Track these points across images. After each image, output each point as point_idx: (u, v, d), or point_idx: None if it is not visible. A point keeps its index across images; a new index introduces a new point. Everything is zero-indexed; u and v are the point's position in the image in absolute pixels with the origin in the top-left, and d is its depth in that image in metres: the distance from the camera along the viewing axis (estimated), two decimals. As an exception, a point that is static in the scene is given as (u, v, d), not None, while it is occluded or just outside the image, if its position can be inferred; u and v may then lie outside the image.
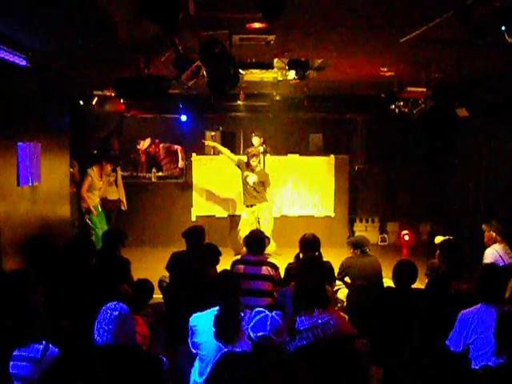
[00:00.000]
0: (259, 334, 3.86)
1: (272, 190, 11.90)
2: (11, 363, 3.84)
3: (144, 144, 14.10)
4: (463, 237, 10.46)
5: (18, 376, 3.81)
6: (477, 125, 11.16)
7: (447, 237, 7.43)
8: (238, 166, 11.12)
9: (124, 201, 11.64)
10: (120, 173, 11.83)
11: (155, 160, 14.24)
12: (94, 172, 10.72)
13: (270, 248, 10.23)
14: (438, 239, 7.46)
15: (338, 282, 7.32)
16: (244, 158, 11.09)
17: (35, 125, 7.59)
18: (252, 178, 10.96)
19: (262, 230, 10.29)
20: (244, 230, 11.04)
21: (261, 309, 4.06)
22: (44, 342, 3.99)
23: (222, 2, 5.21)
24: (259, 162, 11.21)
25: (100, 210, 10.87)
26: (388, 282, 6.63)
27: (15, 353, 3.89)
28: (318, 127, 14.35)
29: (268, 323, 3.88)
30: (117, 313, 3.72)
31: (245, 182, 11.04)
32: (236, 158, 11.28)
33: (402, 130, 12.65)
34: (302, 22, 5.89)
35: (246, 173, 11.01)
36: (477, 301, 4.91)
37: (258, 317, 3.94)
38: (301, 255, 7.17)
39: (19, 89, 6.95)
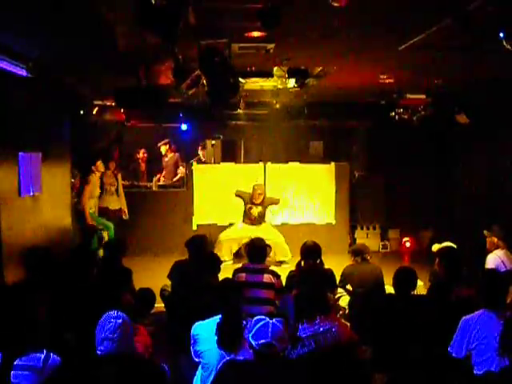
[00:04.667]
0: (261, 341, 3.85)
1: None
2: (12, 373, 3.83)
3: (162, 143, 14.16)
4: (465, 243, 10.46)
5: None
6: (477, 131, 11.18)
7: (444, 244, 7.42)
8: (239, 196, 11.53)
9: (125, 210, 11.65)
10: (121, 182, 11.84)
11: (159, 160, 14.34)
12: (93, 179, 10.74)
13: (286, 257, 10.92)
14: (436, 247, 7.45)
15: (339, 290, 7.31)
16: (247, 190, 11.53)
17: (36, 135, 7.60)
18: (256, 211, 11.37)
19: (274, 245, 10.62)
20: (228, 235, 11.18)
21: (261, 316, 4.05)
22: (44, 350, 3.99)
23: (222, 11, 5.23)
24: (263, 200, 11.47)
25: (96, 215, 10.94)
26: (390, 289, 6.62)
27: (16, 362, 3.88)
28: (319, 135, 14.35)
29: (269, 330, 3.87)
30: (120, 320, 3.72)
31: (247, 212, 11.46)
32: (237, 194, 11.62)
33: (403, 137, 12.65)
34: (301, 31, 5.91)
35: (249, 205, 11.40)
36: (478, 306, 4.91)
37: (259, 324, 3.92)
38: (302, 263, 7.16)
39: (20, 99, 6.97)
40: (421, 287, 6.87)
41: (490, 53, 6.27)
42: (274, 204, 11.72)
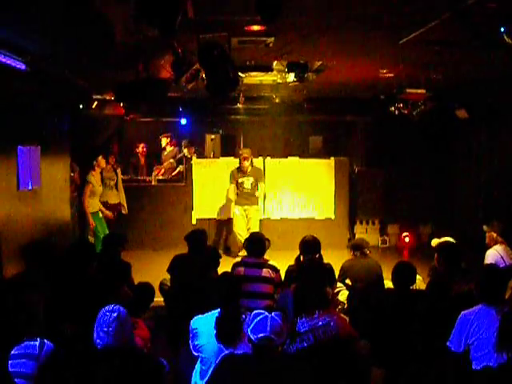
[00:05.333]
0: (260, 335, 3.85)
1: (272, 193, 12.17)
2: (10, 362, 3.84)
3: (164, 135, 14.17)
4: (464, 238, 10.47)
5: (20, 374, 3.81)
6: (477, 126, 11.18)
7: (443, 238, 7.41)
8: (234, 179, 11.46)
9: (125, 204, 11.62)
10: (120, 176, 11.82)
11: (158, 155, 14.37)
12: (94, 178, 10.68)
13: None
14: (435, 242, 7.44)
15: (338, 284, 7.31)
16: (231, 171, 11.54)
17: (35, 128, 7.59)
18: (248, 182, 11.33)
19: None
20: (239, 225, 11.23)
21: (260, 310, 4.06)
22: (38, 338, 4.01)
23: (221, 4, 5.22)
24: (251, 165, 11.46)
25: (100, 215, 10.86)
26: (389, 283, 6.62)
27: (12, 352, 3.90)
28: (318, 129, 14.35)
29: (268, 324, 3.87)
30: (116, 314, 3.74)
31: (240, 188, 11.39)
32: (231, 179, 11.58)
33: (402, 132, 12.64)
34: (300, 24, 5.90)
35: (240, 179, 11.36)
36: (477, 302, 4.91)
37: (258, 318, 3.93)
38: (301, 257, 7.16)
39: (19, 93, 6.96)
40: (420, 282, 6.86)
41: (490, 48, 6.25)
42: (259, 179, 11.56)
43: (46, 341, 4.00)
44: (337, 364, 4.74)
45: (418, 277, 6.17)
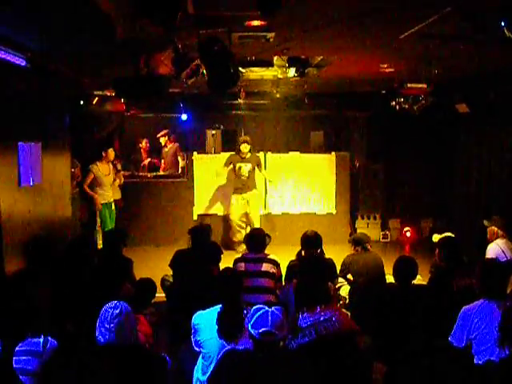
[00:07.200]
0: (261, 329, 3.85)
1: (273, 188, 12.23)
2: (14, 359, 3.86)
3: (161, 135, 14.17)
4: (466, 232, 10.46)
5: (24, 370, 3.84)
6: (478, 120, 11.16)
7: (444, 234, 7.41)
8: (230, 163, 11.63)
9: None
10: (121, 172, 11.81)
11: (159, 150, 14.40)
12: (97, 167, 10.67)
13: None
14: (436, 237, 7.44)
15: (340, 279, 7.32)
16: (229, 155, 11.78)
17: (36, 125, 7.58)
18: (246, 168, 11.44)
19: (251, 219, 11.34)
20: (234, 215, 11.32)
21: (260, 305, 4.06)
22: (42, 335, 4.02)
23: (221, -1, 5.21)
24: (250, 151, 11.57)
25: (113, 207, 10.88)
26: (390, 278, 6.63)
27: (17, 348, 3.91)
28: (319, 125, 14.34)
29: (269, 318, 3.87)
30: (118, 311, 3.73)
31: (238, 174, 11.53)
32: (226, 163, 11.74)
33: (403, 127, 12.63)
34: (301, 19, 5.89)
35: (238, 164, 11.50)
36: (479, 296, 4.92)
37: (259, 313, 3.93)
38: (303, 252, 7.17)
39: (19, 89, 6.95)
40: (419, 281, 6.86)
41: (490, 42, 6.24)
42: (259, 165, 11.68)
43: (49, 338, 4.02)
44: (338, 359, 4.74)
45: (417, 276, 6.17)
